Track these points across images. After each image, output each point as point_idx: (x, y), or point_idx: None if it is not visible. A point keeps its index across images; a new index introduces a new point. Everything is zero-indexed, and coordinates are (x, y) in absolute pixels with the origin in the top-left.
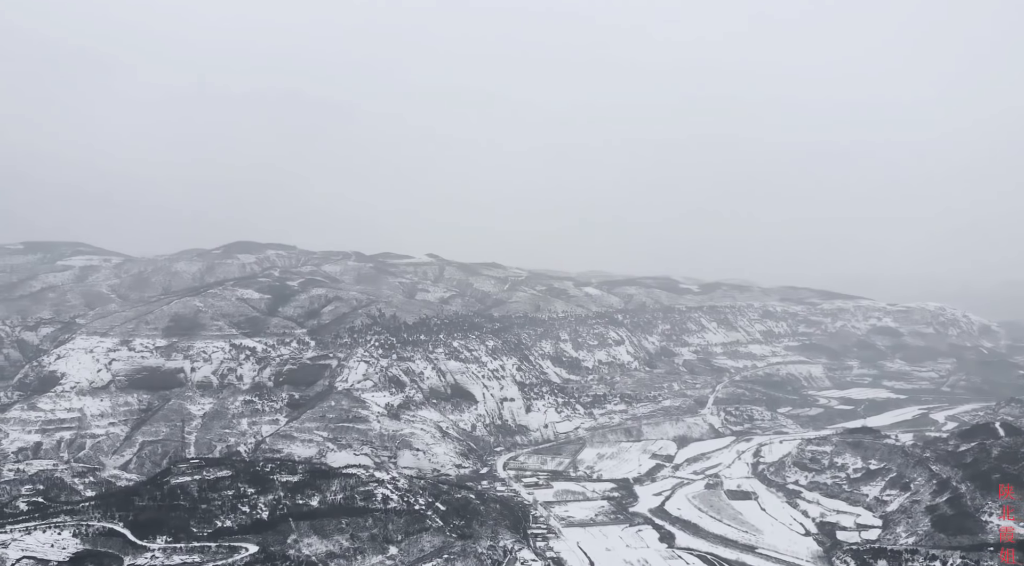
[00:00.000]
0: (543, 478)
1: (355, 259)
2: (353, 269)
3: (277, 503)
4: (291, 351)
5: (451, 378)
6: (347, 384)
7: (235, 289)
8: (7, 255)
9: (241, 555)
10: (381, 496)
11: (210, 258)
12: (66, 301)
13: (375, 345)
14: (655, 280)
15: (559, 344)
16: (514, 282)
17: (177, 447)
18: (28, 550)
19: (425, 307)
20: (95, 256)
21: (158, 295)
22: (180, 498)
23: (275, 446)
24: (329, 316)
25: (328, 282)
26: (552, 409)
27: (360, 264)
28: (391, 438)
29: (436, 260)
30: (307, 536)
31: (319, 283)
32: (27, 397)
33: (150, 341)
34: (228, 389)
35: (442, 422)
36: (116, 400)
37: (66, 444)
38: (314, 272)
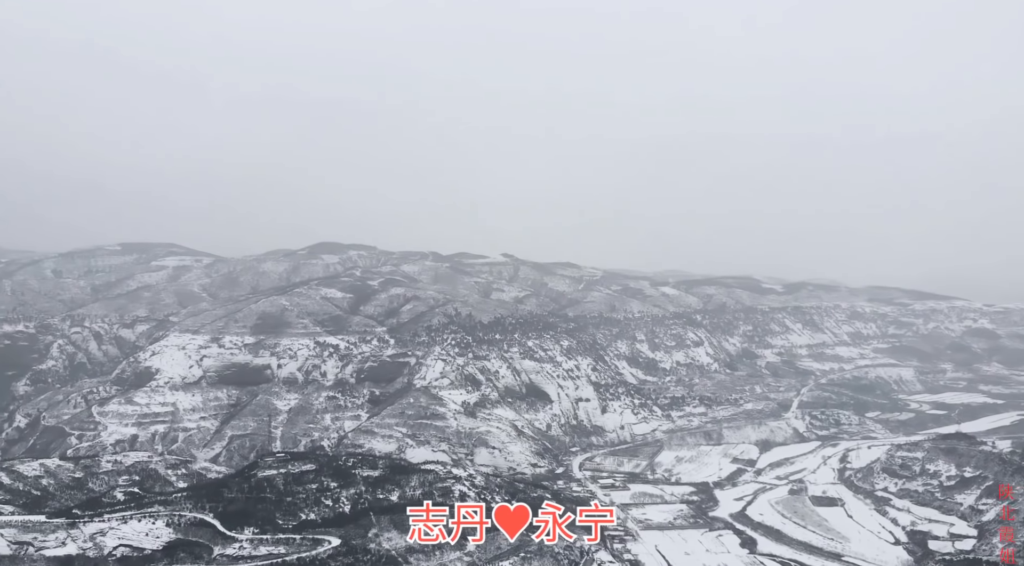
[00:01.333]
0: (620, 480)
1: (432, 259)
2: (430, 269)
3: (359, 497)
4: (372, 349)
5: (526, 377)
6: (425, 381)
7: (319, 288)
8: (105, 256)
9: (324, 548)
10: (459, 493)
11: (296, 258)
12: (160, 300)
13: (451, 344)
14: (736, 280)
15: (635, 345)
16: (589, 282)
17: (264, 441)
18: (124, 539)
19: (500, 306)
20: (187, 256)
21: (246, 294)
22: (266, 491)
23: (356, 441)
24: (408, 315)
25: (407, 282)
26: (628, 410)
27: (437, 264)
28: (467, 435)
29: (511, 260)
30: (387, 530)
31: (398, 283)
32: (124, 392)
33: (239, 338)
34: (312, 385)
35: (517, 421)
36: (207, 395)
37: (160, 437)
38: (393, 272)
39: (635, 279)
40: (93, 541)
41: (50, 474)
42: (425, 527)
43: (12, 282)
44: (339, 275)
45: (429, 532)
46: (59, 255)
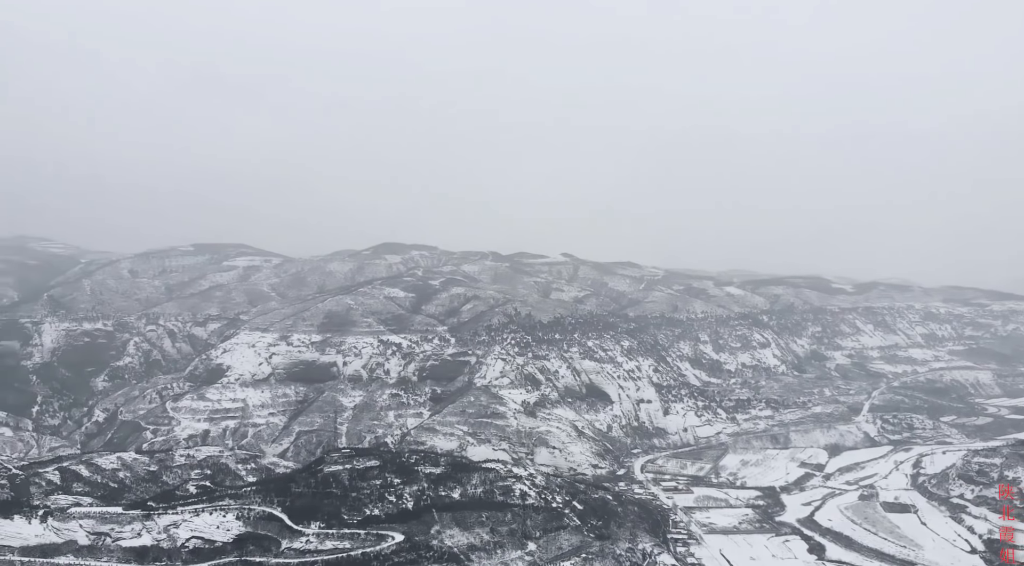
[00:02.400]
0: (683, 483)
1: (492, 259)
2: (490, 269)
3: (421, 494)
4: (433, 347)
5: (586, 378)
6: (485, 380)
7: (382, 288)
8: (179, 256)
9: (388, 543)
10: (519, 492)
11: (360, 258)
12: (231, 299)
13: (511, 343)
14: (804, 279)
15: (698, 346)
16: (650, 281)
17: (330, 437)
18: (197, 531)
19: (559, 306)
20: (257, 257)
21: (313, 293)
22: (332, 486)
23: (419, 438)
24: (468, 314)
25: (467, 281)
26: (692, 412)
27: (496, 264)
28: (528, 435)
29: (570, 259)
30: (449, 527)
31: (459, 282)
32: (197, 388)
33: (306, 337)
34: (376, 383)
35: (577, 421)
36: (275, 392)
37: (231, 432)
38: (454, 272)
39: (698, 279)
40: (167, 533)
41: (127, 467)
42: None
43: (92, 282)
44: (401, 275)
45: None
46: (135, 255)
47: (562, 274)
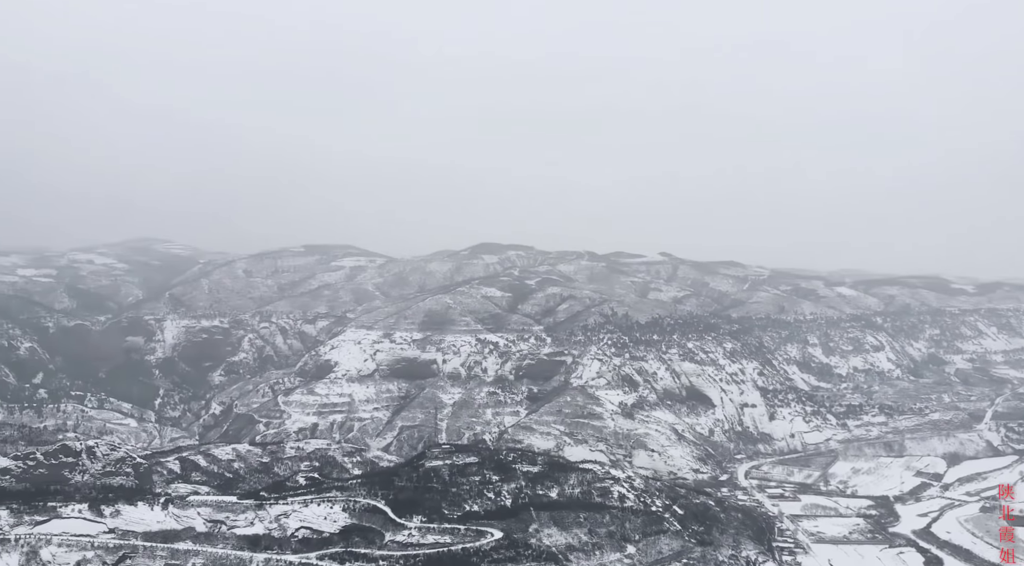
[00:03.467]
0: (789, 490)
1: (588, 259)
2: (586, 268)
3: (519, 492)
4: (529, 347)
5: (686, 380)
6: (581, 381)
7: (480, 287)
8: (290, 257)
9: (487, 539)
10: (617, 494)
11: (458, 259)
12: (339, 298)
13: (608, 343)
14: (921, 279)
15: (807, 348)
16: (755, 281)
17: (431, 433)
18: (305, 521)
19: (658, 306)
20: (362, 257)
21: (414, 292)
22: (433, 481)
23: (516, 437)
24: (564, 314)
25: (563, 281)
26: (799, 418)
27: (593, 263)
28: (625, 437)
29: (669, 259)
30: (547, 527)
31: (554, 282)
32: (306, 383)
33: (408, 334)
34: (474, 380)
35: (677, 424)
36: (379, 387)
37: (337, 426)
38: (550, 271)
39: (807, 279)
40: (278, 522)
41: (241, 458)
42: None
43: (209, 281)
44: (498, 275)
45: None
46: (250, 256)
47: (660, 274)
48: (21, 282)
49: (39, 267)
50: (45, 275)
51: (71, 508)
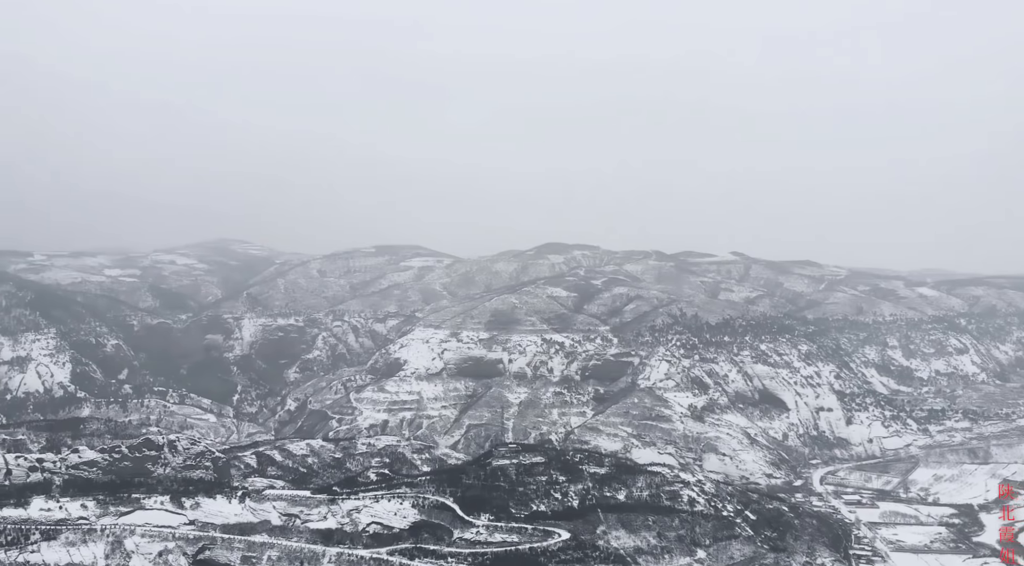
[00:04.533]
0: (867, 497)
1: (656, 258)
2: (654, 268)
3: (586, 493)
4: (595, 347)
5: (758, 383)
6: (649, 382)
7: (545, 287)
8: (361, 257)
9: (554, 540)
10: (687, 498)
11: (524, 259)
12: (407, 297)
13: (676, 345)
14: (1009, 279)
15: (886, 351)
16: (831, 281)
17: (497, 432)
18: (376, 517)
19: (729, 307)
20: (430, 258)
21: (481, 292)
22: (500, 479)
23: (582, 437)
24: (631, 314)
25: (629, 281)
26: (878, 423)
27: (661, 263)
28: (695, 440)
29: (741, 258)
30: (615, 529)
31: (621, 282)
32: (377, 380)
33: (474, 334)
34: (540, 380)
35: (749, 428)
36: (447, 385)
37: (407, 423)
38: (616, 271)
39: (886, 279)
40: (350, 517)
41: (314, 453)
42: None
43: (285, 281)
44: (564, 275)
45: None
46: (323, 257)
47: (732, 273)
48: (108, 282)
49: (124, 267)
50: (130, 275)
51: (154, 500)
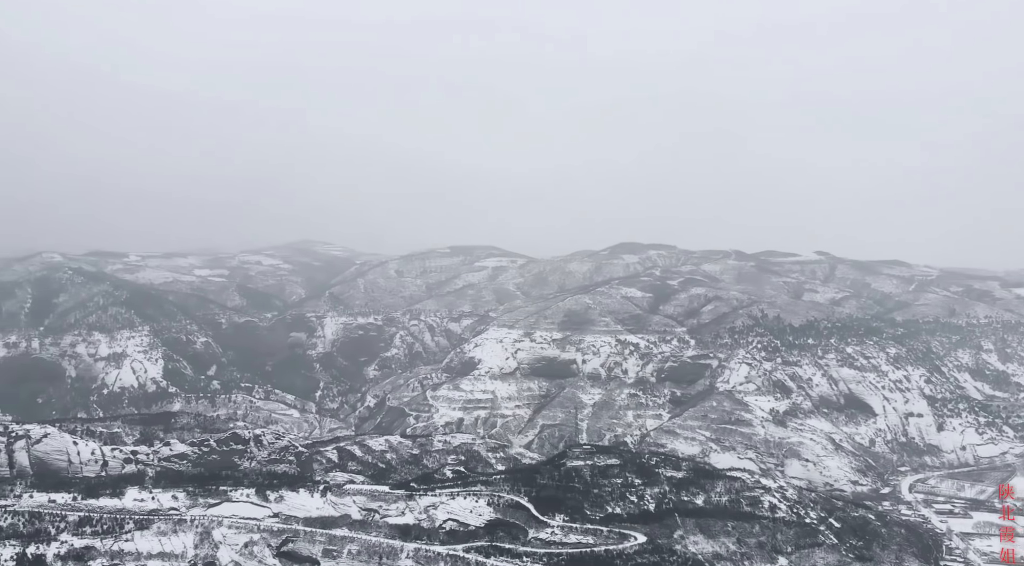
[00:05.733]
0: (959, 506)
1: (735, 258)
2: (733, 268)
3: (663, 497)
4: (672, 349)
5: (844, 387)
6: (728, 385)
7: (620, 288)
8: (437, 258)
9: (630, 543)
10: (768, 504)
11: (598, 258)
12: (481, 297)
13: (757, 347)
14: None
15: (980, 355)
16: (921, 282)
17: (571, 432)
18: (452, 514)
19: (813, 308)
20: (504, 258)
21: (554, 292)
22: (575, 480)
23: (658, 440)
24: (709, 315)
25: (707, 281)
26: (971, 429)
27: (740, 263)
28: (776, 445)
29: (826, 258)
30: (693, 534)
31: (699, 282)
32: (452, 379)
33: (547, 334)
34: (614, 382)
35: (834, 433)
36: (520, 385)
37: (481, 421)
38: (693, 271)
39: (980, 279)
40: (427, 513)
41: (393, 449)
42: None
43: (365, 281)
44: (639, 275)
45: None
46: (401, 257)
47: (816, 273)
48: (197, 282)
49: (213, 268)
50: (218, 275)
51: (240, 492)
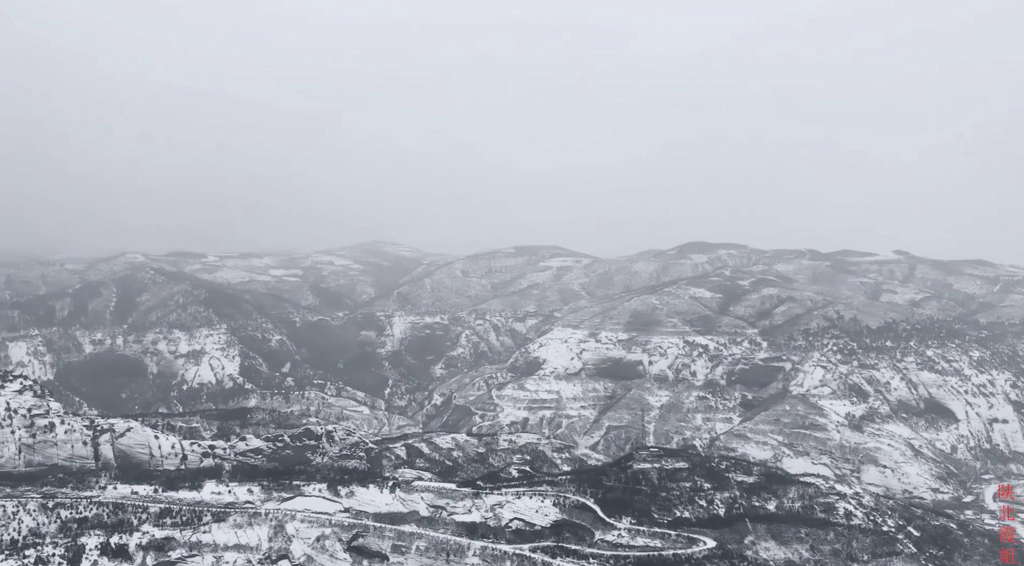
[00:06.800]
0: None
1: (809, 257)
2: (807, 268)
3: (733, 502)
4: (742, 351)
5: (924, 391)
6: (802, 389)
7: (687, 288)
8: (502, 258)
9: (699, 547)
10: (843, 511)
11: (665, 258)
12: (546, 297)
13: (832, 349)
14: None
15: None
16: (1007, 282)
17: (638, 434)
18: (518, 513)
19: (891, 310)
20: (569, 258)
21: (620, 293)
22: (642, 483)
23: (728, 444)
24: (781, 317)
25: (780, 281)
26: None
27: (815, 263)
28: (852, 450)
29: (905, 257)
30: (764, 540)
31: (771, 283)
32: (517, 378)
33: (613, 334)
34: (682, 384)
35: (913, 439)
36: (585, 386)
37: (547, 421)
38: (765, 271)
39: None
40: (493, 512)
41: (459, 447)
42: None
43: (432, 281)
44: (707, 275)
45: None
46: (466, 257)
47: (894, 273)
48: (273, 281)
49: (287, 268)
50: (292, 275)
51: (312, 487)
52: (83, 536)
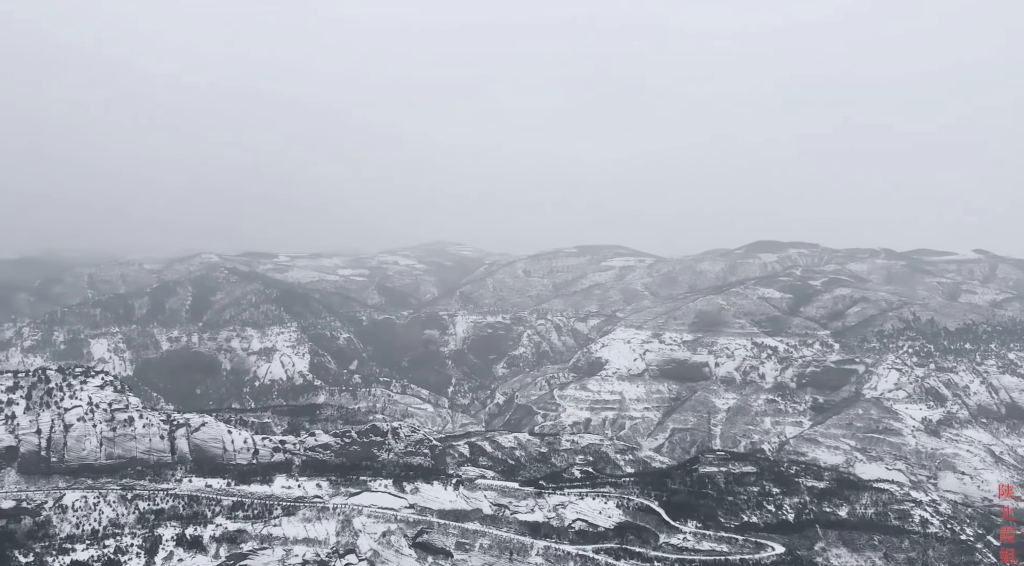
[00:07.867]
0: None
1: (884, 256)
2: (882, 267)
3: (803, 507)
4: (813, 353)
5: (1005, 395)
6: (876, 392)
7: (756, 288)
8: (564, 257)
9: (767, 553)
10: (919, 518)
11: (732, 258)
12: (608, 297)
13: (908, 352)
14: None
15: None
16: None
17: (703, 437)
18: (581, 514)
19: (971, 311)
20: (631, 257)
21: (684, 293)
22: (707, 487)
23: (798, 448)
24: (854, 318)
25: (853, 281)
26: None
27: (890, 262)
28: (929, 456)
29: (985, 256)
30: (835, 546)
31: (843, 283)
32: (579, 378)
33: (677, 335)
34: (750, 386)
35: (994, 445)
36: (649, 387)
37: (609, 423)
38: (838, 271)
39: None
40: (556, 512)
41: (521, 447)
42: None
43: (493, 280)
44: (777, 274)
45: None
46: (528, 257)
47: (974, 273)
48: (340, 281)
49: (354, 268)
50: (359, 275)
51: (378, 483)
52: (160, 527)
